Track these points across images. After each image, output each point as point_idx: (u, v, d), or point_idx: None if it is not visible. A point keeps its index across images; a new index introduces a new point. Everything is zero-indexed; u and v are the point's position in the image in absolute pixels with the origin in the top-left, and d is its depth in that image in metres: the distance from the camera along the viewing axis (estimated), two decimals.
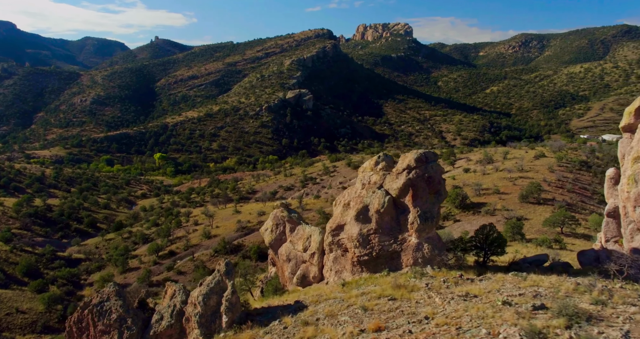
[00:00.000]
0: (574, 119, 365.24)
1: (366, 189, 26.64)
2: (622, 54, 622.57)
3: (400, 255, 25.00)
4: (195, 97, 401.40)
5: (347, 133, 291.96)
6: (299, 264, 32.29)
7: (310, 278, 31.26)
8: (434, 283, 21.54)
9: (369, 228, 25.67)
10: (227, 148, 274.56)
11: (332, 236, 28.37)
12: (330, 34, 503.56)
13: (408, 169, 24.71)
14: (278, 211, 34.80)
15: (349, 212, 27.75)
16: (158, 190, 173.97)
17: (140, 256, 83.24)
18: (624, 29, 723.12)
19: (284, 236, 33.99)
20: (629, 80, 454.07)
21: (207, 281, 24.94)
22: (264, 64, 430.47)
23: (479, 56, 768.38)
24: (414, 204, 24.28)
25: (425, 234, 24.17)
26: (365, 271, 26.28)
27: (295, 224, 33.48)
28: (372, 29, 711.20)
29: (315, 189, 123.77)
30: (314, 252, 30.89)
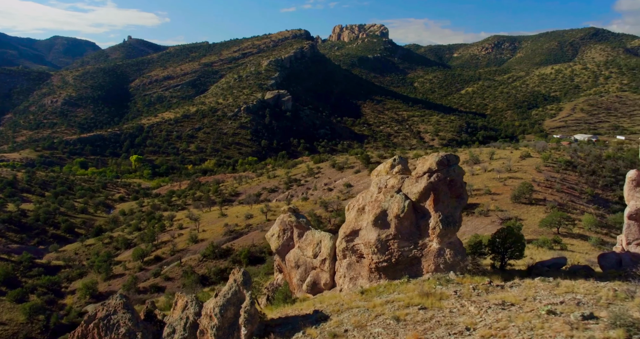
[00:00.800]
0: (546, 119, 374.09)
1: (383, 193, 26.07)
2: (590, 55, 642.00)
3: (421, 261, 24.52)
4: (171, 97, 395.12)
5: (327, 134, 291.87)
6: (309, 270, 31.52)
7: (321, 285, 30.53)
8: (463, 290, 21.06)
9: (387, 233, 25.11)
10: (206, 150, 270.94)
11: (346, 242, 27.70)
12: (308, 35, 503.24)
13: (429, 172, 24.24)
14: (285, 216, 33.93)
15: (364, 217, 27.14)
16: (136, 193, 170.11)
17: (125, 262, 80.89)
18: (591, 32, 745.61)
19: (292, 241, 33.16)
20: (597, 82, 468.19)
21: (224, 292, 23.92)
22: (241, 65, 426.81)
23: (453, 57, 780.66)
24: (436, 208, 23.83)
25: (447, 239, 23.76)
26: (384, 278, 25.70)
27: (304, 230, 32.70)
28: (348, 30, 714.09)
29: (300, 190, 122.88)
30: (325, 258, 30.17)
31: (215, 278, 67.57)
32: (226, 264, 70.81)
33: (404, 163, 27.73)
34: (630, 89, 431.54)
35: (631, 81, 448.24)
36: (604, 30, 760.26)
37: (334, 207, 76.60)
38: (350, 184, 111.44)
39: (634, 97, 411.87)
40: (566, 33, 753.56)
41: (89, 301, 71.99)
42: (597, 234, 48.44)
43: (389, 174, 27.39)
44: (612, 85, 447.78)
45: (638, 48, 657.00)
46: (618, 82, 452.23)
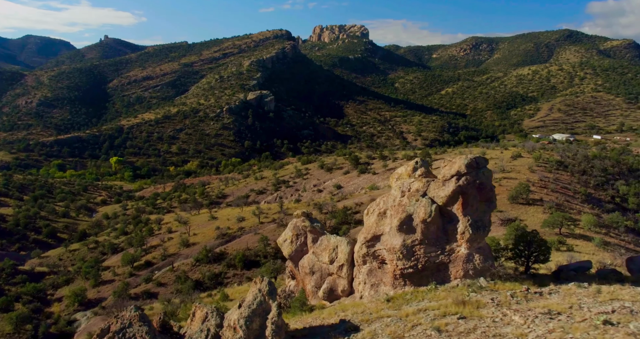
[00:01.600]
0: (525, 119, 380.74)
1: (407, 197, 25.45)
2: (565, 57, 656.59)
3: (448, 267, 24.00)
4: (150, 98, 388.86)
5: (310, 135, 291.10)
6: (325, 277, 30.74)
7: (338, 292, 29.79)
8: (500, 297, 20.56)
9: (413, 239, 24.53)
10: (188, 151, 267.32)
11: (367, 247, 27.03)
12: (289, 35, 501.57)
13: (457, 175, 23.73)
14: (299, 221, 33.04)
15: (385, 222, 26.51)
16: (119, 196, 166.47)
17: (113, 268, 78.72)
18: (565, 34, 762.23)
19: (305, 247, 32.31)
20: (573, 82, 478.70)
21: (248, 302, 22.95)
22: (222, 65, 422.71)
23: (432, 58, 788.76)
24: (464, 212, 23.34)
25: (476, 245, 23.30)
26: (409, 285, 25.11)
27: (319, 235, 31.90)
28: (328, 31, 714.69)
29: (288, 192, 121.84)
30: (342, 264, 29.44)
31: (210, 283, 66.14)
32: (220, 269, 69.42)
33: (426, 166, 27.22)
34: (605, 89, 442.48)
35: (605, 82, 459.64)
36: (577, 32, 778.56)
37: (328, 209, 75.90)
38: (340, 185, 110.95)
39: (608, 98, 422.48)
40: (542, 35, 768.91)
41: (78, 308, 69.73)
42: (597, 234, 48.86)
43: (411, 178, 26.80)
44: (587, 86, 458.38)
45: (610, 50, 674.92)
46: (593, 82, 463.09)
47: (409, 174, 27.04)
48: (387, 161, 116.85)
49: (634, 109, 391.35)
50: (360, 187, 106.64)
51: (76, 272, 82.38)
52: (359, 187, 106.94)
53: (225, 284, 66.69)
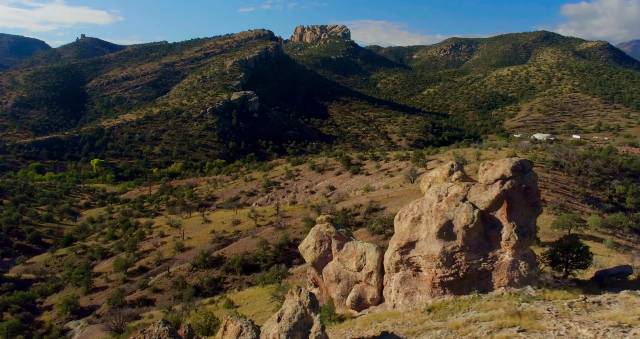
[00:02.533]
0: (506, 119, 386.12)
1: (446, 202, 24.65)
2: (542, 58, 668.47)
3: (491, 274, 23.26)
4: (131, 99, 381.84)
5: (295, 135, 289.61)
6: (352, 284, 29.74)
7: (367, 300, 28.82)
8: (556, 307, 19.82)
9: (454, 246, 23.73)
10: (171, 152, 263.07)
11: (401, 254, 26.12)
12: (272, 35, 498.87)
13: (502, 179, 22.98)
14: (322, 227, 31.91)
15: (420, 228, 25.66)
16: (102, 199, 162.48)
17: (105, 274, 76.32)
18: (542, 35, 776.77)
19: (330, 253, 31.23)
20: (551, 83, 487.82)
21: (288, 315, 21.79)
22: (203, 65, 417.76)
23: (413, 59, 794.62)
24: (509, 218, 22.64)
25: (521, 251, 22.63)
26: (448, 293, 24.29)
27: (344, 241, 30.87)
28: (310, 31, 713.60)
29: (280, 193, 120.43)
30: (371, 271, 28.47)
31: (209, 288, 64.58)
32: (219, 274, 67.86)
33: (462, 169, 26.47)
34: (582, 90, 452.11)
35: (582, 83, 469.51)
36: (554, 33, 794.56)
37: (327, 211, 74.89)
38: (333, 187, 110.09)
39: (585, 98, 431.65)
40: (519, 36, 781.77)
41: (70, 317, 67.38)
42: (605, 235, 48.97)
43: (447, 181, 26.01)
44: (565, 86, 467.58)
45: (586, 51, 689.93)
46: (570, 83, 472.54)
47: (445, 178, 26.25)
48: (379, 162, 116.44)
49: (610, 109, 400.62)
50: (354, 188, 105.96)
51: (65, 279, 79.68)
52: (353, 188, 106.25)
53: (225, 289, 65.19)
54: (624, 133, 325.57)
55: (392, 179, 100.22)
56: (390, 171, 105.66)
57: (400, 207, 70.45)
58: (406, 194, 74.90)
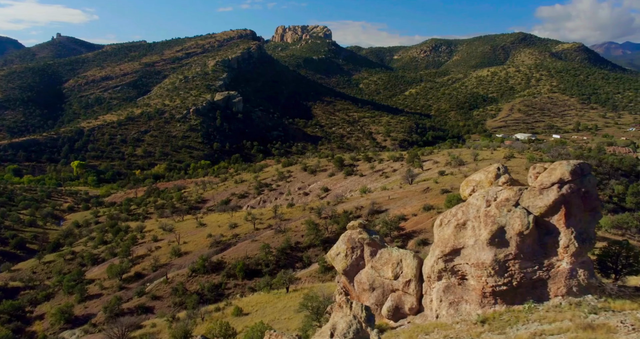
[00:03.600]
0: (488, 119, 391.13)
1: (496, 207, 23.77)
2: (520, 59, 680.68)
3: (547, 283, 22.41)
4: (111, 99, 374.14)
5: (280, 136, 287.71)
6: (387, 293, 28.65)
7: (405, 310, 27.78)
8: (629, 319, 18.98)
9: (506, 253, 22.83)
10: (154, 154, 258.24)
11: (445, 262, 25.13)
12: (254, 35, 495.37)
13: (559, 183, 22.17)
14: (354, 233, 30.75)
15: (465, 234, 24.73)
16: (86, 202, 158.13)
17: (99, 281, 73.72)
18: (520, 37, 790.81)
19: (362, 261, 30.10)
20: (530, 84, 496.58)
21: (342, 330, 20.56)
22: (185, 65, 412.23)
23: (393, 59, 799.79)
24: (567, 224, 21.86)
25: (580, 259, 21.86)
26: (500, 303, 23.35)
27: (378, 247, 29.78)
28: (291, 31, 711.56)
29: (272, 195, 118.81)
30: (409, 279, 27.43)
31: (210, 294, 62.76)
32: (220, 279, 66.08)
33: (508, 172, 25.66)
34: (560, 90, 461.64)
35: (560, 83, 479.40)
36: (531, 35, 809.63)
37: (328, 214, 73.79)
38: (327, 188, 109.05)
39: (564, 98, 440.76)
40: (497, 37, 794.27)
41: (64, 326, 64.74)
42: (615, 235, 49.00)
43: (494, 185, 25.15)
44: (543, 87, 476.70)
45: (562, 52, 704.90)
46: (548, 84, 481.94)
47: (491, 182, 25.38)
48: (372, 163, 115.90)
49: (587, 109, 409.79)
50: (349, 189, 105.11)
51: (56, 286, 76.76)
52: (348, 190, 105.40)
53: (227, 295, 63.52)
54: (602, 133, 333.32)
55: (387, 180, 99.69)
56: (385, 171, 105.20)
57: (403, 208, 69.81)
58: (407, 195, 74.35)
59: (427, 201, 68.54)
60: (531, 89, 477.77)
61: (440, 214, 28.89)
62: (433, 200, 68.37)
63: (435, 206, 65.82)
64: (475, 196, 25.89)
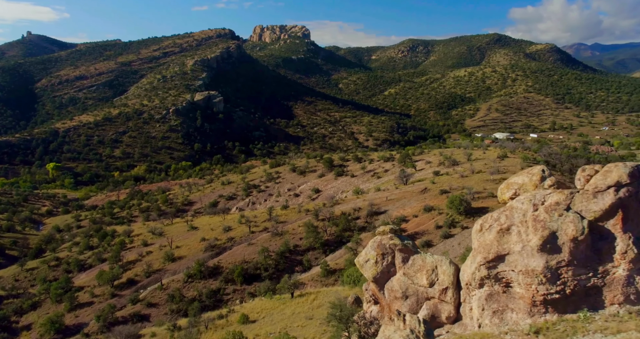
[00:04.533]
0: (467, 119, 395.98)
1: (546, 211, 22.99)
2: (495, 59, 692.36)
3: (602, 291, 21.67)
4: (86, 99, 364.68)
5: (262, 136, 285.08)
6: (421, 301, 27.61)
7: (442, 319, 26.77)
8: None
9: (559, 260, 22.02)
10: (133, 155, 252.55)
11: (488, 269, 24.18)
12: (233, 34, 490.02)
13: (616, 186, 21.41)
14: (385, 238, 29.58)
15: (510, 239, 23.87)
16: (65, 206, 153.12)
17: (90, 288, 70.89)
18: (495, 37, 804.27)
19: (393, 267, 28.97)
20: (506, 84, 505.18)
21: None
22: (163, 64, 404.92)
23: (371, 60, 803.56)
24: (624, 229, 21.17)
25: (638, 265, 21.18)
26: (551, 312, 22.52)
27: (410, 253, 28.70)
28: (269, 31, 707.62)
29: (261, 197, 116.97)
30: (446, 287, 26.45)
31: (209, 301, 60.90)
32: (217, 285, 64.27)
33: (553, 174, 24.92)
34: (535, 90, 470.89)
35: (535, 83, 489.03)
36: (505, 36, 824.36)
37: (326, 216, 72.61)
38: (318, 189, 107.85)
39: (539, 98, 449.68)
40: (473, 38, 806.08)
41: (54, 337, 61.90)
42: None
43: (539, 188, 24.39)
44: (519, 87, 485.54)
45: (536, 53, 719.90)
46: (524, 84, 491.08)
47: (536, 185, 24.63)
48: (363, 163, 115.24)
49: (562, 109, 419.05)
50: (340, 190, 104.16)
51: (42, 294, 73.55)
52: (339, 191, 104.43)
53: (226, 301, 61.77)
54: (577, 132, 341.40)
55: (380, 180, 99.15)
56: (376, 172, 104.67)
57: (403, 209, 69.07)
58: (405, 196, 73.80)
59: (426, 202, 68.07)
60: (507, 89, 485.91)
61: (479, 219, 28.01)
62: (433, 201, 67.94)
63: (435, 206, 65.37)
64: (520, 199, 25.06)
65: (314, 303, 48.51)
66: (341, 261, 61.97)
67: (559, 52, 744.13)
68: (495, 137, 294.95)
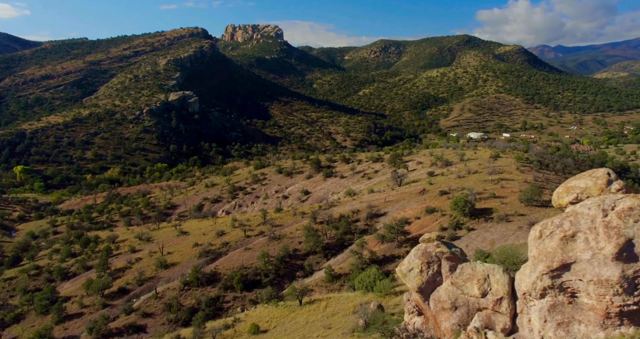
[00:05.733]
0: (441, 119, 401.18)
1: (618, 217, 22.06)
2: (465, 60, 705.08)
3: None
4: (53, 99, 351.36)
5: (239, 137, 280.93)
6: (472, 312, 26.36)
7: (497, 331, 25.61)
8: None
9: (636, 269, 21.10)
10: (106, 157, 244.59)
11: (551, 279, 23.07)
12: (206, 33, 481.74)
13: None
14: (431, 246, 28.20)
15: (576, 247, 22.80)
16: (38, 210, 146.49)
17: (78, 298, 67.19)
18: (465, 39, 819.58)
19: (439, 277, 27.62)
20: (477, 84, 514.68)
21: None
22: (134, 64, 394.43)
23: (344, 60, 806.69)
24: None
25: None
26: (627, 325, 21.50)
27: (458, 261, 27.39)
28: (241, 30, 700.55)
29: (248, 199, 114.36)
30: (501, 297, 25.27)
31: (208, 309, 58.44)
32: (216, 292, 61.86)
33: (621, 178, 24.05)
34: (505, 91, 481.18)
35: (505, 84, 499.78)
36: (475, 37, 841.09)
37: (324, 219, 70.98)
38: (307, 191, 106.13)
39: (509, 98, 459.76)
40: (444, 39, 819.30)
41: None
42: None
43: (605, 193, 23.47)
44: (490, 87, 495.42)
45: (504, 54, 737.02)
46: (495, 84, 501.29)
47: (602, 189, 23.71)
48: (352, 164, 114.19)
49: (531, 109, 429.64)
50: (331, 191, 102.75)
51: (24, 305, 69.35)
52: (329, 192, 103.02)
53: (226, 309, 59.47)
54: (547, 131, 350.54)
55: (371, 181, 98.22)
56: (366, 173, 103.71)
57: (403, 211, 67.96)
58: (404, 197, 72.95)
59: (427, 203, 67.38)
60: (479, 89, 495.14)
61: (536, 225, 27.01)
62: (433, 202, 67.29)
63: (437, 208, 64.71)
64: (586, 204, 24.08)
65: (326, 310, 46.81)
66: (345, 265, 60.55)
67: (526, 54, 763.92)
68: (469, 136, 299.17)
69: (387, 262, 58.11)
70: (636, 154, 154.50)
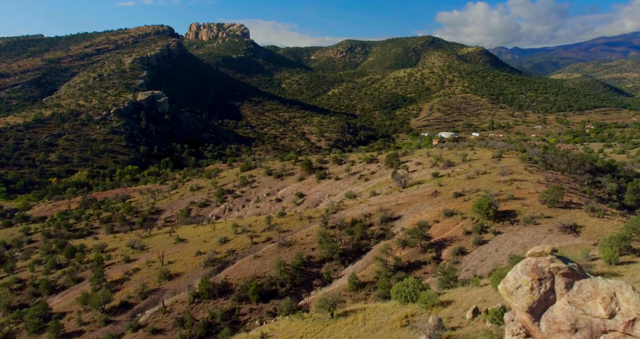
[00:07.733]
0: (411, 118, 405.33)
1: None
2: (430, 61, 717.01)
3: None
4: (9, 99, 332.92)
5: (211, 138, 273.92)
6: (596, 335, 24.22)
7: None
8: None
9: None
10: (72, 159, 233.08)
11: None
12: (172, 31, 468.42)
13: None
14: (543, 261, 25.80)
15: None
16: (5, 217, 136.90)
17: (72, 314, 61.91)
18: (429, 40, 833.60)
19: (552, 295, 25.38)
20: (444, 84, 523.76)
21: None
22: (97, 62, 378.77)
23: (311, 60, 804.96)
24: None
25: None
26: None
27: (575, 278, 25.22)
28: (206, 29, 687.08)
29: (238, 203, 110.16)
30: (634, 318, 23.30)
31: (224, 323, 54.79)
32: (230, 304, 58.14)
33: None
34: (471, 91, 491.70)
35: (470, 84, 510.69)
36: (439, 39, 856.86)
37: (337, 223, 68.27)
38: (302, 193, 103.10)
39: (476, 98, 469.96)
40: (409, 40, 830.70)
41: None
42: None
43: None
44: (457, 87, 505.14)
45: (467, 55, 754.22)
46: (461, 85, 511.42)
47: None
48: (345, 165, 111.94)
49: (497, 109, 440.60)
50: (327, 194, 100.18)
51: (12, 323, 63.40)
52: (325, 194, 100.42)
53: (243, 322, 55.90)
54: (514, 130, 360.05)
55: (369, 183, 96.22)
56: (362, 174, 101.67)
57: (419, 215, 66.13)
58: (416, 200, 71.23)
59: (443, 206, 65.88)
60: (446, 89, 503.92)
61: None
62: (450, 204, 65.85)
63: (456, 211, 63.28)
64: None
65: (367, 324, 43.77)
66: (367, 272, 58.16)
67: (488, 55, 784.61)
68: (441, 136, 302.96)
69: (412, 268, 56.12)
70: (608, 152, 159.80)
